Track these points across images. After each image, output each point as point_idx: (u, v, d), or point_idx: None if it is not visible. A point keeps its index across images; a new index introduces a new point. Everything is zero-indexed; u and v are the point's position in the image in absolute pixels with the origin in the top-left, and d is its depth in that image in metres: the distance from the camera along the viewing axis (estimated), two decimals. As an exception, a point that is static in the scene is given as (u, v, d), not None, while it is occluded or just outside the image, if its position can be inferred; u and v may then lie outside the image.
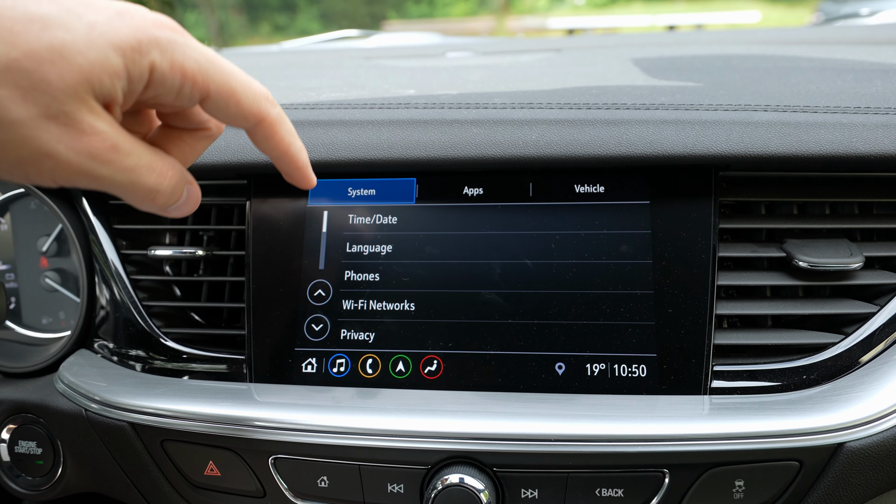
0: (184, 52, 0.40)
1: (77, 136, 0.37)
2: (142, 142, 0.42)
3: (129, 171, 0.40)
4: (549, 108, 0.65)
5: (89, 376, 0.66)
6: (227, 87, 0.43)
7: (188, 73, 0.41)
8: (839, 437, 0.54)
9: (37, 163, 0.37)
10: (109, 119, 0.39)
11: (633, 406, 0.58)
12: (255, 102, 0.45)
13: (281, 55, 1.48)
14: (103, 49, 0.37)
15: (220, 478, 0.63)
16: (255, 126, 0.46)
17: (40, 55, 0.35)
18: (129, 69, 0.38)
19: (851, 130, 0.60)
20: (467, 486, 0.56)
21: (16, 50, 0.35)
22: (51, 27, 0.36)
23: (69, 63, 0.36)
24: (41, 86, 0.35)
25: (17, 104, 0.35)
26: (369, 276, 0.64)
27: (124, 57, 0.38)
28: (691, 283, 0.60)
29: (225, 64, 0.43)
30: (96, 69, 0.37)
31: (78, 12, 0.37)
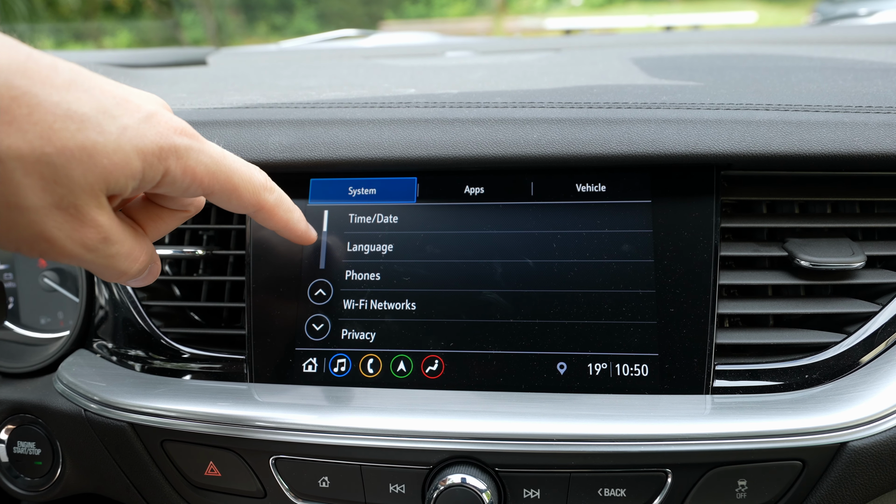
0: (197, 158, 0.44)
1: (78, 226, 0.40)
2: (126, 227, 0.45)
3: (109, 257, 0.43)
4: (551, 106, 0.65)
5: (88, 376, 0.66)
6: (229, 185, 0.47)
7: (197, 176, 0.45)
8: (842, 436, 0.54)
9: (32, 244, 0.39)
10: (110, 212, 0.42)
11: (635, 406, 0.58)
12: (255, 196, 0.50)
13: (279, 54, 1.48)
14: (128, 153, 0.40)
15: (221, 478, 0.63)
16: (254, 213, 0.51)
17: (71, 153, 0.37)
18: (146, 172, 0.41)
19: (853, 129, 0.60)
20: (469, 487, 0.56)
21: (50, 145, 0.37)
22: (86, 128, 0.38)
23: (95, 164, 0.38)
24: (63, 180, 0.38)
25: (35, 193, 0.37)
26: (370, 276, 0.64)
27: (144, 161, 0.41)
28: (693, 282, 0.60)
29: (231, 163, 0.47)
30: (117, 171, 0.40)
31: (113, 114, 0.40)
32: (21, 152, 0.36)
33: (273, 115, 0.66)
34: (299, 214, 0.56)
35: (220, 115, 0.68)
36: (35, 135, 0.36)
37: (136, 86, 0.47)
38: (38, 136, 0.36)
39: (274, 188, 0.52)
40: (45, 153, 0.36)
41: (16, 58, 0.36)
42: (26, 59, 0.37)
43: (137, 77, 0.89)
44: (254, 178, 0.49)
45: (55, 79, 0.37)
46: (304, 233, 0.57)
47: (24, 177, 0.36)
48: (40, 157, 0.36)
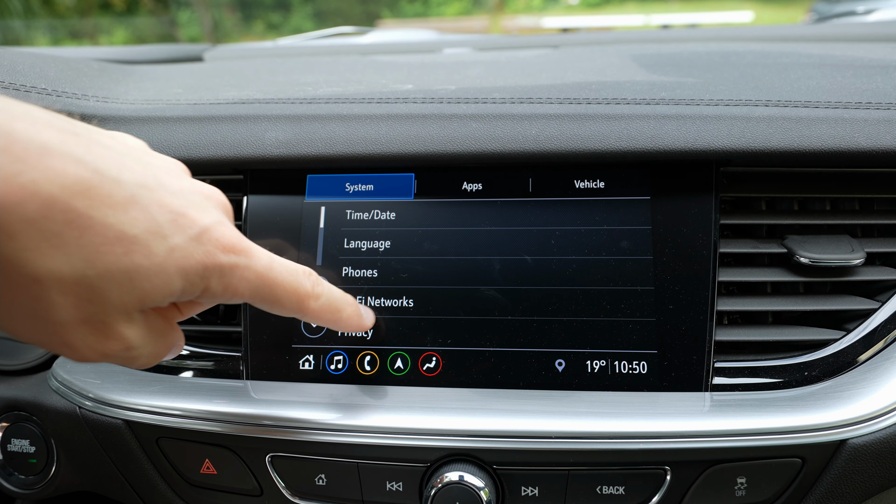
0: (241, 275, 0.43)
1: (102, 339, 0.38)
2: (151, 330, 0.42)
3: (129, 360, 0.42)
4: (549, 102, 0.64)
5: (83, 374, 0.65)
6: (271, 299, 0.46)
7: (238, 292, 0.44)
8: (842, 433, 0.54)
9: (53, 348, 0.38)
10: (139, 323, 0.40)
11: (633, 403, 0.57)
12: (298, 306, 0.48)
13: (276, 51, 1.47)
14: (170, 275, 0.39)
15: (217, 476, 0.62)
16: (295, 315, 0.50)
17: (112, 275, 0.36)
18: (185, 290, 0.40)
19: (853, 125, 0.59)
20: (467, 484, 0.55)
21: (93, 269, 0.35)
22: (133, 252, 0.37)
23: (134, 286, 0.37)
24: (98, 300, 0.36)
25: (67, 310, 0.36)
26: (367, 272, 0.63)
27: (185, 280, 0.40)
28: (692, 279, 0.60)
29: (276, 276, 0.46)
30: (155, 291, 0.38)
31: (164, 234, 0.38)
32: (61, 274, 0.34)
33: (270, 111, 0.66)
34: (350, 310, 0.54)
35: (216, 110, 0.67)
36: (80, 257, 0.35)
37: (133, 81, 0.47)
38: (82, 258, 0.35)
39: (320, 294, 0.50)
40: (86, 276, 0.35)
41: (81, 176, 0.35)
42: (91, 176, 0.35)
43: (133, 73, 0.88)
44: (298, 290, 0.48)
45: (116, 196, 0.36)
46: (356, 328, 0.56)
47: (59, 295, 0.35)
48: (80, 279, 0.35)
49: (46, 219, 0.33)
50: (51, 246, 0.34)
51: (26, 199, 0.32)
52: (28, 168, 0.33)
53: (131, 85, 0.78)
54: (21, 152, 0.33)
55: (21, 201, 0.32)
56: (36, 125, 0.34)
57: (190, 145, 0.64)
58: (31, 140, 0.33)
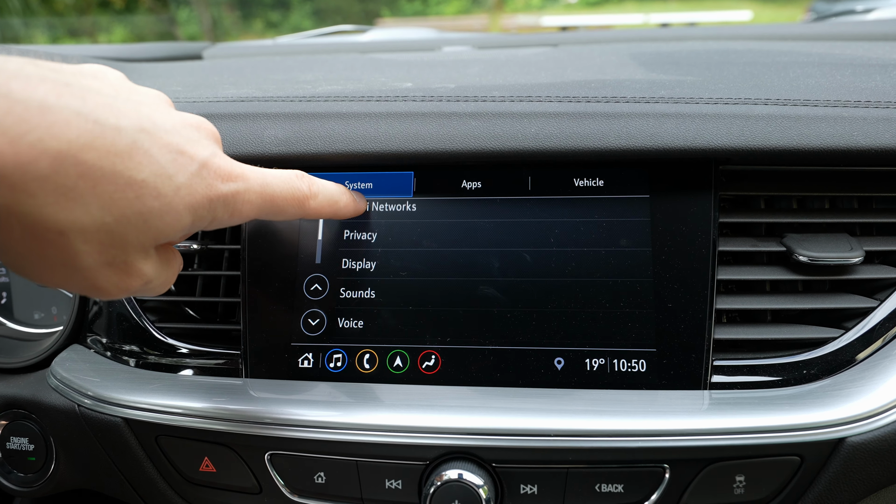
0: (243, 199, 0.46)
1: (124, 277, 0.42)
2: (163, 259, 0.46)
3: (146, 291, 0.45)
4: (549, 101, 0.64)
5: (82, 371, 0.65)
6: (274, 210, 0.50)
7: (243, 214, 0.47)
8: (840, 432, 0.54)
9: (82, 291, 0.42)
10: (154, 258, 0.44)
11: (632, 401, 0.57)
12: (299, 209, 0.52)
13: (275, 50, 1.47)
14: (180, 212, 0.42)
15: (216, 474, 0.62)
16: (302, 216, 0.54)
17: (128, 219, 0.39)
18: (195, 223, 0.44)
19: (852, 124, 0.59)
20: (466, 482, 0.55)
21: (110, 215, 0.38)
22: (143, 195, 0.39)
23: (149, 227, 0.40)
24: (119, 243, 0.39)
25: (91, 255, 0.38)
26: (366, 270, 0.63)
27: (194, 215, 0.43)
28: (691, 277, 0.60)
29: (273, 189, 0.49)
30: (168, 228, 0.41)
31: (169, 174, 0.41)
32: (83, 225, 0.37)
33: (269, 109, 0.66)
34: (346, 199, 0.58)
35: (215, 108, 0.67)
36: (97, 206, 0.37)
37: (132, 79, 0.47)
38: (99, 207, 0.37)
39: (317, 193, 0.54)
40: (105, 222, 0.38)
41: (84, 128, 0.36)
42: (93, 127, 0.37)
43: (133, 71, 0.88)
44: (297, 195, 0.51)
45: (119, 144, 0.38)
46: (354, 213, 0.60)
47: (83, 244, 0.38)
48: (101, 226, 0.38)
49: (59, 174, 0.35)
50: (68, 199, 0.36)
51: (37, 157, 0.34)
52: (32, 127, 0.34)
53: (130, 83, 0.77)
54: (22, 112, 0.34)
55: (33, 160, 0.34)
56: (31, 82, 0.36)
57: (189, 143, 0.64)
58: (29, 99, 0.35)
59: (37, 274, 0.39)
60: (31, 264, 0.38)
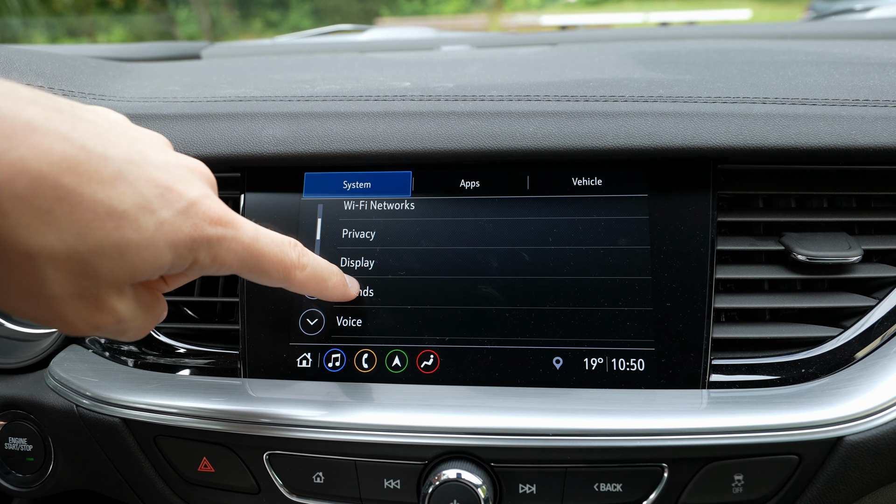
0: (228, 247, 0.44)
1: (94, 312, 0.39)
2: (141, 304, 0.43)
3: (118, 333, 0.43)
4: (547, 100, 0.64)
5: (80, 372, 0.65)
6: (258, 270, 0.47)
7: (225, 263, 0.45)
8: (838, 430, 0.54)
9: (48, 323, 0.39)
10: (129, 297, 0.41)
11: (631, 400, 0.57)
12: (284, 276, 0.50)
13: (274, 49, 1.47)
14: (160, 248, 0.39)
15: (214, 474, 0.62)
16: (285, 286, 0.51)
17: (104, 251, 0.37)
18: (174, 263, 0.41)
19: (850, 123, 0.59)
20: (465, 482, 0.55)
21: (84, 244, 0.36)
22: (123, 226, 0.37)
23: (125, 261, 0.38)
24: (90, 275, 0.37)
25: (60, 284, 0.36)
26: (365, 270, 0.63)
27: (175, 254, 0.41)
28: (690, 276, 0.60)
29: (262, 247, 0.47)
30: (145, 265, 0.39)
31: (153, 208, 0.39)
32: (54, 251, 0.35)
33: (267, 108, 0.66)
34: (335, 280, 0.56)
35: (213, 107, 0.67)
36: (71, 233, 0.35)
37: (130, 79, 0.47)
38: (73, 234, 0.35)
39: (306, 265, 0.52)
40: (78, 251, 0.36)
41: (69, 153, 0.35)
42: (79, 153, 0.36)
43: (130, 70, 0.88)
44: (285, 261, 0.49)
45: (103, 172, 0.37)
46: (343, 297, 0.59)
47: (52, 271, 0.36)
48: (72, 254, 0.36)
49: (36, 195, 0.34)
50: (42, 222, 0.34)
51: (15, 175, 0.33)
52: (15, 145, 0.33)
53: (129, 82, 0.78)
54: (7, 129, 0.33)
55: (10, 178, 0.33)
56: (20, 102, 0.35)
57: (187, 143, 0.64)
58: (16, 117, 0.34)
59: (2, 299, 0.37)
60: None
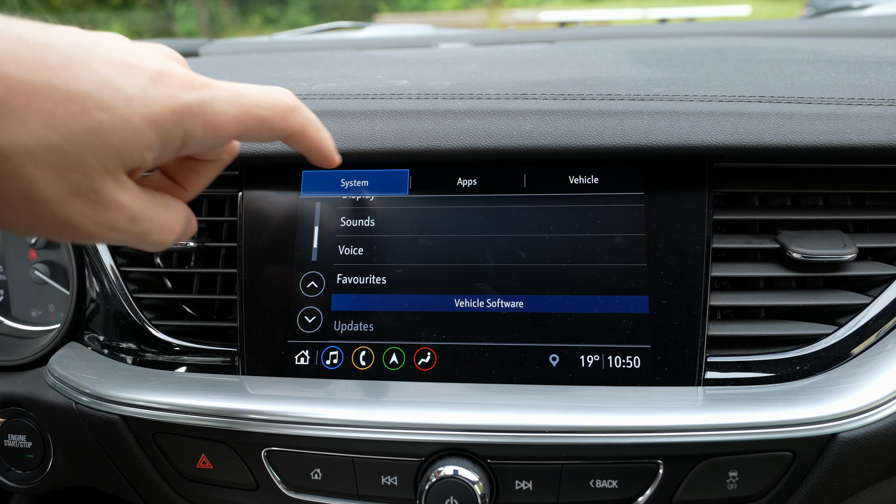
0: (213, 108, 0.41)
1: (101, 211, 0.38)
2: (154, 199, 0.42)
3: (141, 234, 0.41)
4: (544, 98, 0.65)
5: (79, 369, 0.66)
6: (257, 122, 0.44)
7: (220, 128, 0.41)
8: (832, 427, 0.54)
9: (60, 232, 0.38)
10: (132, 189, 0.40)
11: (627, 397, 0.58)
12: (284, 121, 0.46)
13: (272, 46, 1.47)
14: (138, 126, 0.37)
15: (213, 470, 0.63)
16: (287, 139, 0.47)
17: (79, 137, 0.35)
18: (162, 140, 0.39)
19: (846, 121, 0.60)
20: (461, 479, 0.56)
21: (56, 133, 0.35)
22: (89, 108, 0.36)
23: (105, 144, 0.36)
24: (77, 167, 0.36)
25: (51, 184, 0.35)
26: (362, 268, 0.64)
27: (158, 130, 0.38)
28: (685, 273, 0.60)
29: (251, 98, 0.43)
30: (129, 146, 0.37)
31: (116, 85, 0.37)
32: (27, 145, 0.34)
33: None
34: (328, 134, 0.51)
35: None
36: (38, 124, 0.34)
37: None
38: (41, 125, 0.34)
39: (300, 107, 0.47)
40: (53, 142, 0.35)
41: (6, 44, 0.34)
42: (17, 44, 0.34)
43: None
44: (278, 105, 0.45)
45: (49, 59, 0.35)
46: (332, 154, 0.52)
47: (35, 169, 0.35)
48: (48, 147, 0.34)
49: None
50: (3, 117, 0.33)
51: None
52: None
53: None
54: None
55: None
56: None
57: (185, 141, 0.64)
58: None
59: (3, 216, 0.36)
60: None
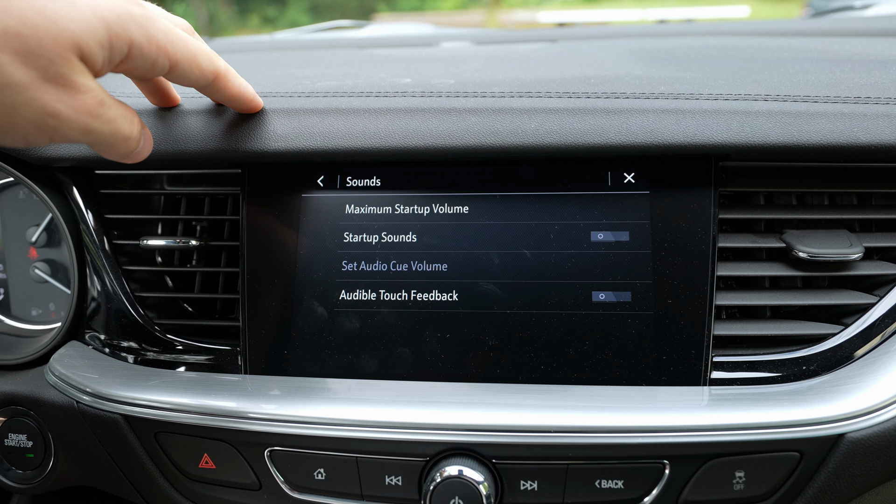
0: (155, 26, 0.46)
1: (74, 94, 0.42)
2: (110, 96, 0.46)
3: (112, 121, 0.45)
4: (548, 96, 0.64)
5: (81, 368, 0.65)
6: (188, 53, 0.49)
7: (160, 45, 0.46)
8: (839, 427, 0.54)
9: (41, 123, 0.41)
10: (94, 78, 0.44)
11: (632, 397, 0.57)
12: (210, 62, 0.52)
13: (272, 45, 1.46)
14: (89, 19, 0.41)
15: (215, 470, 0.62)
16: (213, 81, 0.54)
17: (34, 22, 0.39)
18: (112, 41, 0.43)
19: (852, 120, 0.59)
20: (466, 479, 0.55)
21: (11, 18, 0.38)
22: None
23: (61, 29, 0.40)
24: (38, 50, 0.39)
25: (18, 68, 0.39)
26: (366, 267, 0.63)
27: (107, 29, 0.42)
28: (691, 273, 0.60)
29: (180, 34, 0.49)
30: (85, 36, 0.41)
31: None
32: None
33: (267, 105, 0.66)
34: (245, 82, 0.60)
35: (213, 104, 0.67)
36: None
37: None
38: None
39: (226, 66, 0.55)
40: (9, 25, 0.38)
41: None
42: None
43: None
44: (203, 47, 0.52)
45: None
46: (254, 98, 0.61)
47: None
48: (6, 29, 0.38)
49: None
50: None
51: None
52: None
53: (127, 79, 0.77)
54: None
55: None
56: None
57: (187, 139, 0.64)
58: None
59: None
60: None
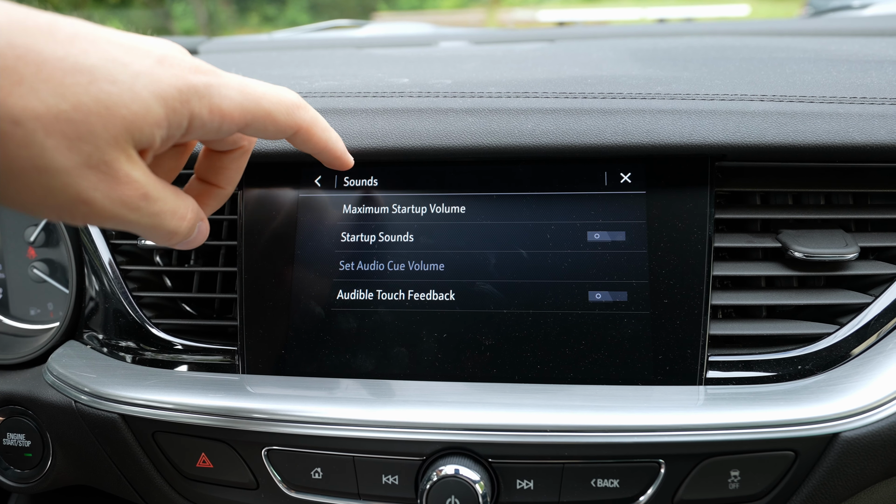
0: (220, 93, 0.42)
1: (113, 185, 0.38)
2: (167, 185, 0.43)
3: (154, 216, 0.42)
4: (545, 96, 0.64)
5: (79, 368, 0.65)
6: (261, 113, 0.45)
7: (225, 113, 0.43)
8: (834, 427, 0.54)
9: (72, 208, 0.38)
10: (143, 167, 0.41)
11: (628, 396, 0.58)
12: (290, 117, 0.47)
13: (271, 45, 1.47)
14: (146, 100, 0.38)
15: (213, 470, 0.62)
16: (292, 136, 0.49)
17: (88, 107, 0.36)
18: (170, 119, 0.40)
19: (848, 120, 0.59)
20: (462, 478, 0.56)
21: (66, 102, 0.36)
22: (98, 80, 0.37)
23: (114, 115, 0.37)
24: (87, 137, 0.37)
25: (62, 153, 0.36)
26: (363, 267, 0.63)
27: (166, 107, 0.39)
28: (687, 272, 0.60)
29: (255, 89, 0.45)
30: (139, 120, 0.38)
31: (123, 62, 0.38)
32: (37, 112, 0.35)
33: (265, 105, 0.66)
34: (337, 135, 0.53)
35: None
36: (48, 93, 0.35)
37: None
38: (50, 93, 0.35)
39: (307, 106, 0.49)
40: (62, 110, 0.36)
41: (13, 16, 0.35)
42: (25, 18, 0.36)
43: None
44: (284, 99, 0.47)
45: (57, 34, 0.36)
46: (343, 154, 0.54)
47: (46, 137, 0.35)
48: (58, 115, 0.35)
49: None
50: (13, 83, 0.34)
51: None
52: None
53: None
54: None
55: None
56: None
57: (185, 139, 0.64)
58: None
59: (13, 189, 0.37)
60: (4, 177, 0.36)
